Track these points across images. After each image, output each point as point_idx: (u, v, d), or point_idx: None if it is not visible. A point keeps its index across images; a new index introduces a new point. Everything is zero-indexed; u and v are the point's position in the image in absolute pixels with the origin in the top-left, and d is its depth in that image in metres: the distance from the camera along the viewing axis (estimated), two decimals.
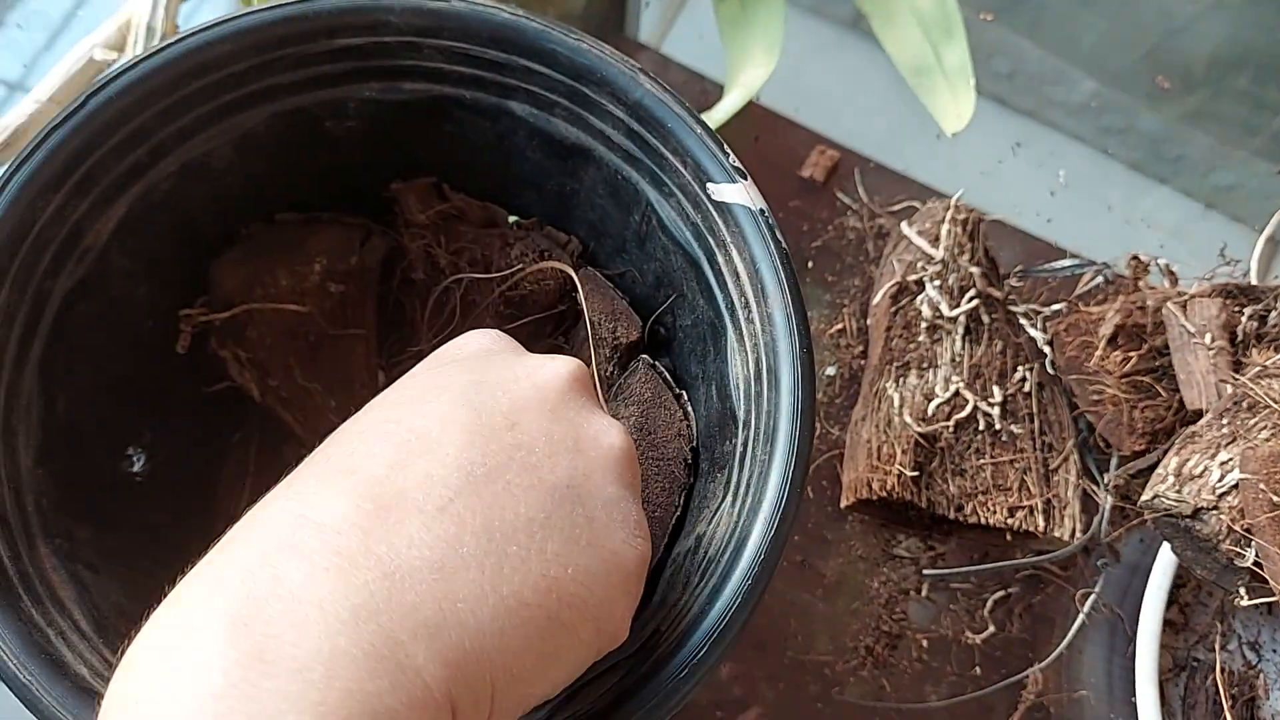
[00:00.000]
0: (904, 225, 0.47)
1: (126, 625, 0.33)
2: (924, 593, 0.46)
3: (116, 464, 0.37)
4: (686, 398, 0.39)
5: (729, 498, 0.34)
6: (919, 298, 0.46)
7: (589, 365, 0.40)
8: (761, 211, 0.33)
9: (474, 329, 0.42)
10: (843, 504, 0.46)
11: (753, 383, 0.34)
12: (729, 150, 0.34)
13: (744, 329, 0.35)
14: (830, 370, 0.48)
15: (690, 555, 0.35)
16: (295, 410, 0.42)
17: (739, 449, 0.35)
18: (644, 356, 0.40)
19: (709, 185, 0.34)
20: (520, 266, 0.40)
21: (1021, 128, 0.69)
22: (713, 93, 0.56)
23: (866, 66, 0.74)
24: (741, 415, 0.35)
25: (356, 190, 0.40)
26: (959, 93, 0.52)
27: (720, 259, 0.35)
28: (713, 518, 0.35)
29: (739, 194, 0.33)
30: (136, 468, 0.39)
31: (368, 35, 0.35)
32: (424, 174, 0.40)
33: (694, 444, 0.39)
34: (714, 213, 0.34)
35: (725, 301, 0.35)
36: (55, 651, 0.29)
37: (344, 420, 0.43)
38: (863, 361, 0.48)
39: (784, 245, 0.33)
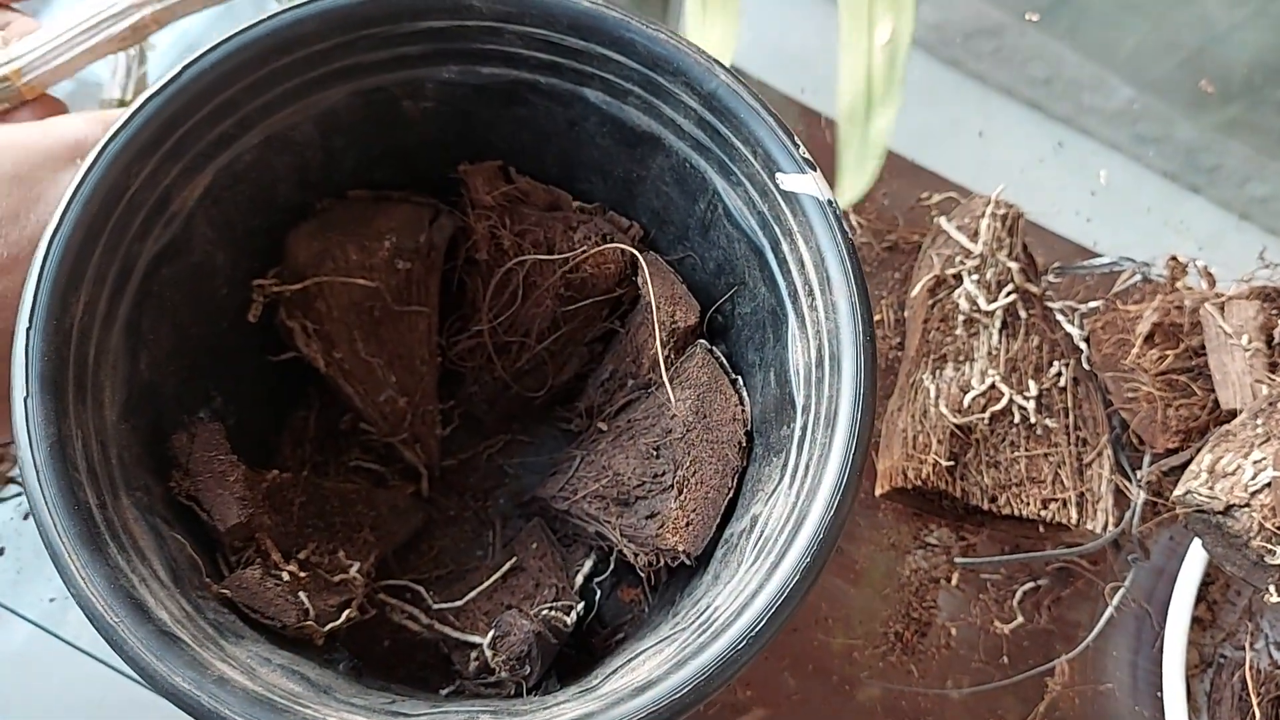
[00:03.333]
0: (943, 220, 0.49)
1: (197, 577, 0.34)
2: (954, 582, 0.48)
3: (189, 424, 0.38)
4: (742, 383, 0.41)
5: (786, 479, 0.35)
6: (957, 291, 0.47)
7: (650, 347, 0.41)
8: (830, 202, 0.34)
9: (534, 309, 0.43)
10: (877, 492, 0.47)
11: (814, 369, 0.35)
12: (799, 142, 0.35)
13: (806, 316, 0.36)
14: None
15: (745, 535, 0.37)
16: (356, 382, 0.43)
17: (797, 433, 0.36)
18: (701, 341, 0.41)
19: (778, 175, 0.35)
20: (583, 249, 0.41)
21: (1058, 133, 0.70)
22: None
23: (917, 75, 0.76)
24: (800, 401, 0.36)
25: (427, 170, 0.41)
26: (864, 164, 0.49)
27: (785, 247, 0.36)
28: (769, 499, 0.36)
29: (808, 184, 0.35)
30: None
31: (451, 18, 0.36)
32: (493, 156, 0.42)
33: (749, 429, 0.40)
34: (781, 202, 0.35)
35: (788, 289, 0.37)
36: (139, 597, 0.30)
37: (404, 394, 0.44)
38: (899, 353, 0.49)
39: (850, 236, 0.34)
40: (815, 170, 0.35)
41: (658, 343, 0.40)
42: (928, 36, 0.78)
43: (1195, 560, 0.45)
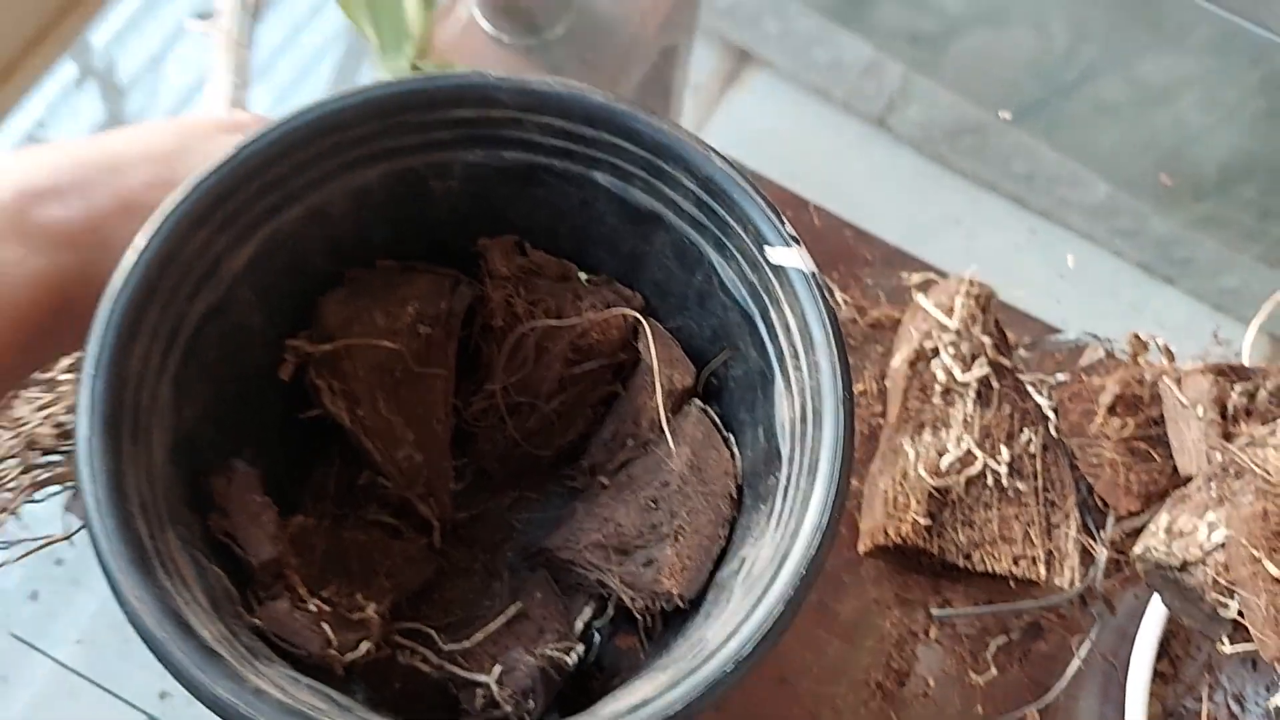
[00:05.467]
0: (921, 298, 0.53)
1: (232, 607, 0.38)
2: (933, 635, 0.51)
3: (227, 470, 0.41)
4: (734, 440, 0.44)
5: (771, 524, 0.39)
6: (934, 363, 0.51)
7: (650, 408, 0.45)
8: (813, 274, 0.39)
9: (544, 372, 0.47)
10: (860, 549, 0.50)
11: (798, 423, 0.39)
12: (785, 219, 0.39)
13: (791, 377, 0.40)
14: None
15: (734, 575, 0.40)
16: (377, 439, 0.46)
17: (782, 482, 0.39)
18: (696, 401, 0.45)
19: (766, 249, 0.39)
20: (590, 314, 0.45)
21: (1033, 222, 0.75)
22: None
23: (893, 161, 0.81)
24: (785, 452, 0.39)
25: (449, 243, 0.45)
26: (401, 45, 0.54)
27: (773, 315, 0.40)
28: (756, 542, 0.39)
29: (793, 258, 0.39)
30: None
31: (479, 109, 0.41)
32: (510, 232, 0.46)
33: (740, 481, 0.43)
34: (770, 274, 0.40)
35: (775, 353, 0.40)
36: (185, 616, 0.33)
37: (421, 451, 0.47)
38: (882, 420, 0.53)
39: (830, 304, 0.38)
40: (800, 245, 0.39)
41: (659, 401, 0.43)
42: (914, 134, 0.83)
43: (1155, 616, 0.48)
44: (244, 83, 0.53)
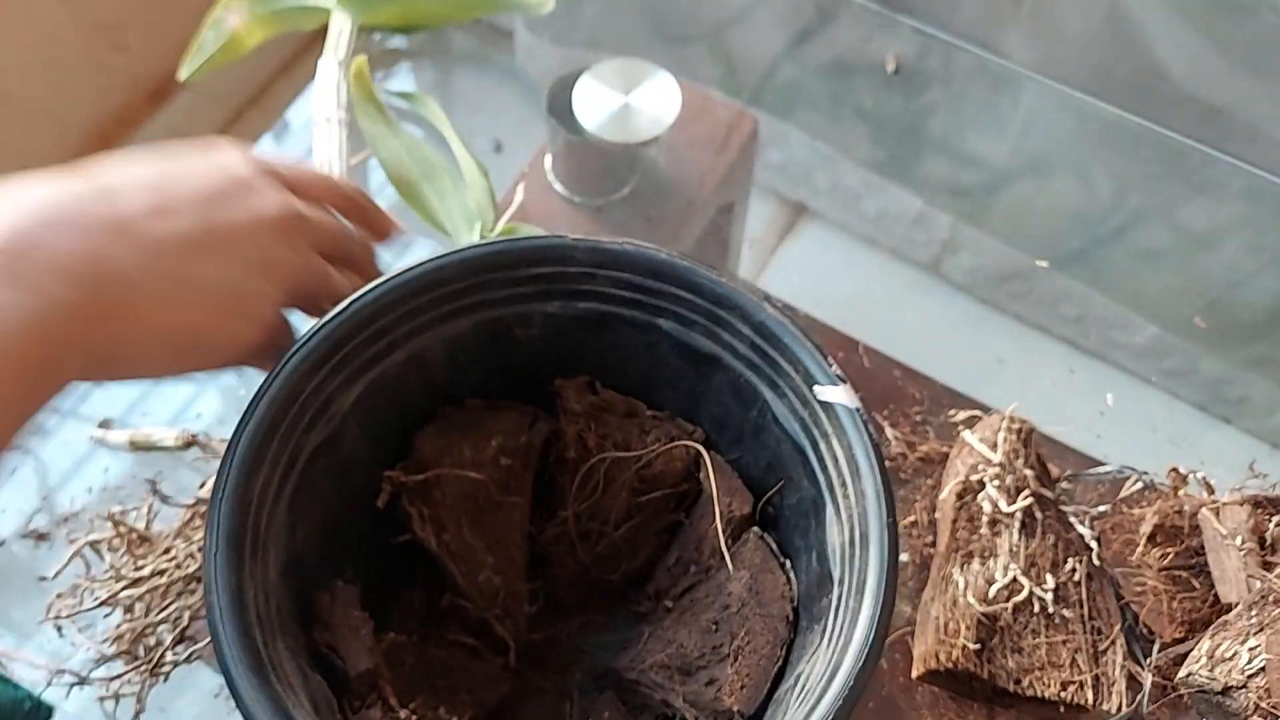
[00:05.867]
0: (966, 433, 0.56)
1: (331, 714, 0.41)
2: None
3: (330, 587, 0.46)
4: (790, 565, 0.48)
5: (824, 641, 0.42)
6: (980, 495, 0.54)
7: (711, 535, 0.48)
8: (857, 409, 0.43)
9: (612, 501, 0.51)
10: (914, 674, 0.53)
11: (848, 547, 0.42)
12: (832, 361, 0.43)
13: (840, 504, 0.43)
14: (904, 557, 0.56)
15: (790, 690, 0.43)
16: (460, 562, 0.51)
17: (834, 602, 0.42)
18: (755, 528, 0.49)
19: (815, 387, 0.44)
20: (655, 446, 0.49)
21: (1077, 363, 0.78)
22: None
23: (944, 306, 0.85)
24: (836, 575, 0.43)
25: (529, 383, 0.51)
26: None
27: (823, 447, 0.44)
28: (810, 659, 0.43)
29: (840, 395, 0.43)
30: None
31: (556, 265, 0.46)
32: (583, 373, 0.51)
33: (795, 604, 0.47)
34: (819, 410, 0.44)
35: (825, 482, 0.44)
36: (292, 717, 0.37)
37: (499, 574, 0.51)
38: (932, 550, 0.56)
39: (874, 436, 0.42)
40: (846, 383, 0.43)
41: (718, 528, 0.47)
42: (964, 279, 0.88)
43: None
44: None
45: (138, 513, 0.51)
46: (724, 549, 0.46)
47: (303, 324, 0.45)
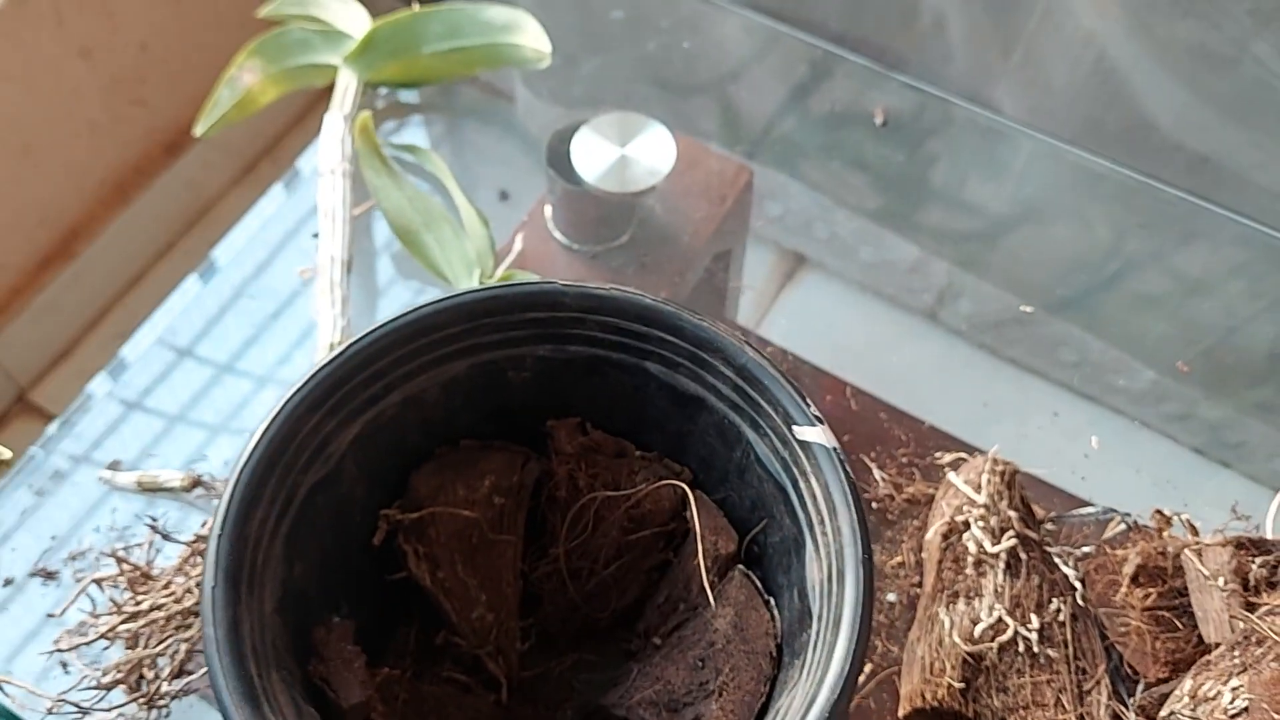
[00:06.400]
0: (951, 474, 0.57)
1: None
2: None
3: (326, 622, 0.47)
4: (774, 602, 0.49)
5: (803, 676, 0.43)
6: (965, 536, 0.55)
7: (698, 574, 0.50)
8: (835, 449, 0.44)
9: (602, 540, 0.52)
10: (900, 713, 0.53)
11: (826, 583, 0.43)
12: (810, 402, 0.45)
13: (819, 541, 0.44)
14: (891, 597, 0.57)
15: None
16: (454, 599, 0.52)
17: (813, 638, 0.44)
18: (740, 566, 0.50)
19: (794, 428, 0.45)
20: (643, 485, 0.50)
21: (1069, 403, 0.79)
22: (802, 366, 0.67)
23: (943, 352, 0.86)
24: (815, 610, 0.44)
25: (522, 424, 0.52)
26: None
27: (802, 486, 0.45)
28: (790, 693, 0.43)
29: (818, 435, 0.44)
30: None
31: (548, 311, 0.48)
32: (574, 414, 0.52)
33: (779, 641, 0.48)
34: (798, 449, 0.45)
35: (805, 520, 0.45)
36: None
37: (491, 611, 0.52)
38: (919, 590, 0.57)
39: (850, 475, 0.43)
40: (823, 424, 0.45)
41: (701, 564, 0.48)
42: (960, 325, 0.89)
43: None
44: (347, 324, 0.61)
45: (141, 550, 0.52)
46: (706, 585, 0.48)
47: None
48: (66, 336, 0.98)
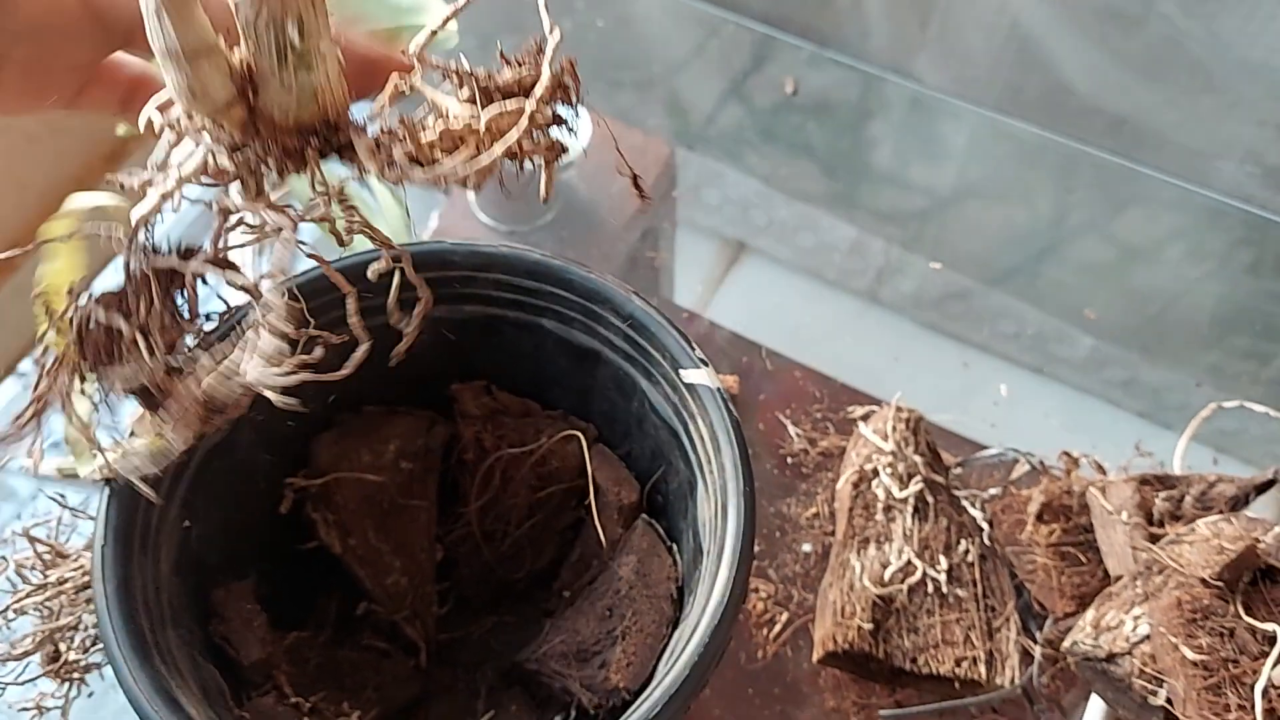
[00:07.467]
0: (861, 425, 0.58)
1: (223, 700, 0.43)
2: None
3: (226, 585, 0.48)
4: (676, 548, 0.49)
5: (694, 610, 0.43)
6: (875, 483, 0.56)
7: (609, 530, 0.50)
8: (718, 389, 0.45)
9: (512, 499, 0.53)
10: (814, 658, 0.54)
11: (713, 520, 0.44)
12: (695, 345, 0.46)
13: (708, 480, 0.45)
14: (806, 547, 0.58)
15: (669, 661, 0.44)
16: (367, 566, 0.52)
17: (703, 573, 0.44)
18: (644, 516, 0.50)
19: (681, 371, 0.46)
20: (546, 440, 0.51)
21: (971, 357, 0.79)
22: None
23: (884, 330, 0.86)
24: (706, 547, 0.44)
25: (428, 389, 0.53)
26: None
27: (692, 429, 0.46)
28: (682, 627, 0.44)
29: (703, 377, 0.45)
30: None
31: (439, 270, 0.48)
32: (478, 377, 0.53)
33: (680, 583, 0.48)
34: (685, 392, 0.46)
35: (697, 461, 0.46)
36: (175, 696, 0.39)
37: (406, 576, 0.53)
38: (832, 539, 0.57)
39: (734, 412, 0.44)
40: (708, 365, 0.45)
41: (594, 508, 0.49)
42: (903, 303, 0.90)
43: (1095, 711, 0.51)
44: None
45: (54, 529, 0.53)
46: (599, 531, 0.48)
47: None
48: (14, 348, 0.99)
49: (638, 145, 0.76)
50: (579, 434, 0.51)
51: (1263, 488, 0.54)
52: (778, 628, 0.56)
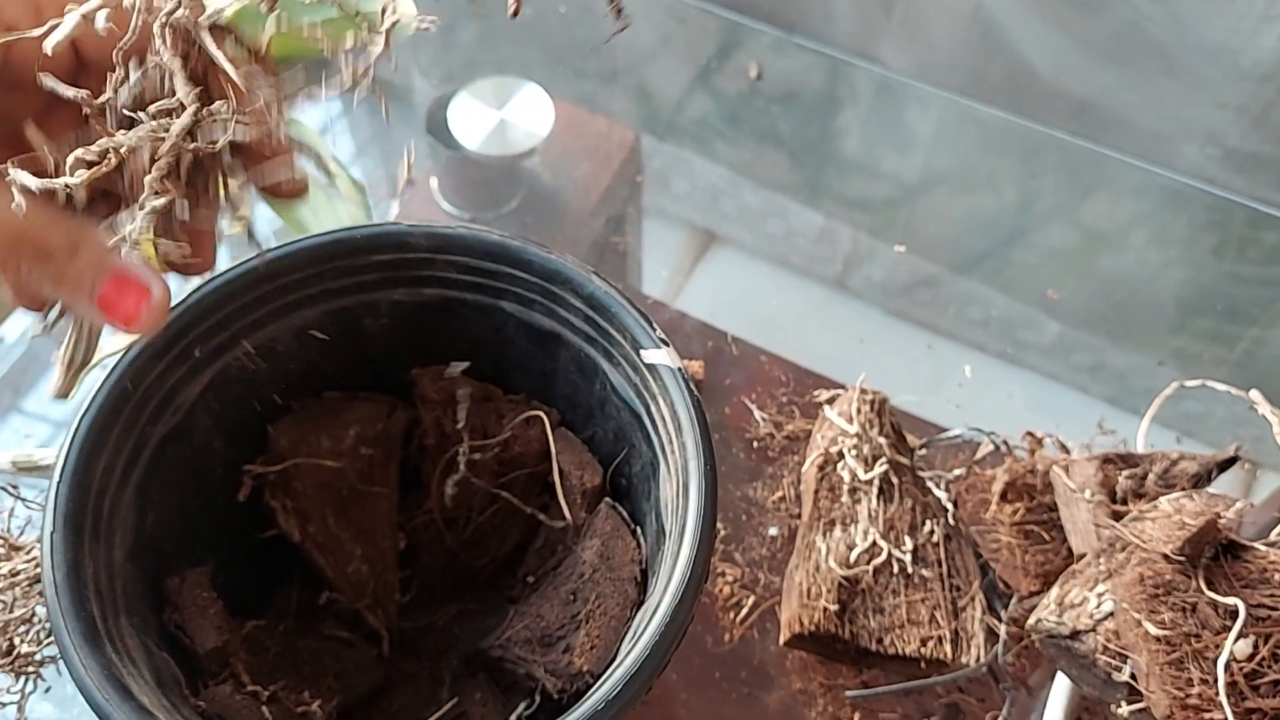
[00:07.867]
0: (826, 408, 0.58)
1: (178, 688, 0.42)
2: None
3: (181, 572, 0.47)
4: (640, 531, 0.49)
5: (657, 590, 0.43)
6: (840, 465, 0.55)
7: (564, 509, 0.50)
8: (679, 369, 0.44)
9: (476, 486, 0.52)
10: (781, 640, 0.54)
11: (674, 500, 0.44)
12: (655, 325, 0.45)
13: (670, 461, 0.45)
14: (773, 531, 0.57)
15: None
16: (327, 554, 0.52)
17: (665, 555, 0.44)
18: (607, 499, 0.50)
19: (641, 351, 0.45)
20: (509, 431, 0.51)
21: (933, 340, 0.79)
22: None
23: (852, 317, 0.86)
24: (668, 528, 0.44)
25: (386, 374, 0.52)
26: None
27: (654, 409, 0.46)
28: (645, 608, 0.44)
29: (663, 356, 0.45)
30: None
31: (395, 252, 0.48)
32: (438, 361, 0.52)
33: (644, 566, 0.48)
34: (646, 373, 0.45)
35: (659, 442, 0.46)
36: (126, 684, 0.38)
37: (368, 564, 0.52)
38: (798, 521, 0.57)
39: (695, 392, 0.44)
40: (669, 345, 0.45)
41: (558, 489, 0.48)
42: (870, 290, 0.90)
43: (1061, 689, 0.51)
44: None
45: (5, 521, 0.52)
46: (565, 510, 0.48)
47: None
48: None
49: (602, 131, 0.76)
50: (543, 415, 0.50)
51: (1225, 465, 0.55)
52: (744, 611, 0.56)
